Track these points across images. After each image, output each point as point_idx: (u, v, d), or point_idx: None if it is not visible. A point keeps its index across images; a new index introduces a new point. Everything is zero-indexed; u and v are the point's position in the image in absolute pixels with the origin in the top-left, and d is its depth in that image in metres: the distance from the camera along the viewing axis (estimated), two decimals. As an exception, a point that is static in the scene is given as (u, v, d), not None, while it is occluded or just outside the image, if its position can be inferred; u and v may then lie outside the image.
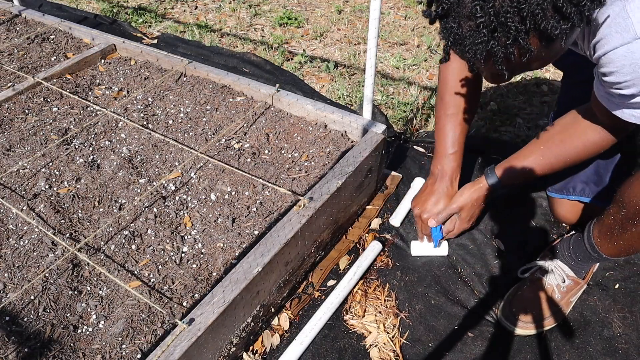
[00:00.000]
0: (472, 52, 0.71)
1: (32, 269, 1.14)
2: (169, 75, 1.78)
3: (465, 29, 0.70)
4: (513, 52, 0.70)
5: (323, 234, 1.27)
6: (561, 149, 1.09)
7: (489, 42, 0.69)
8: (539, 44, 0.70)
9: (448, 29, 0.72)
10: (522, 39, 0.68)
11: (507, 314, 1.16)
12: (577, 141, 1.07)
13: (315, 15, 2.76)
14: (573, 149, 1.08)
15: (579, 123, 1.06)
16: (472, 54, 0.71)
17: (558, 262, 1.19)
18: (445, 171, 1.28)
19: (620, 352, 1.11)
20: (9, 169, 1.40)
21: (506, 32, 0.67)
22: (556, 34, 0.67)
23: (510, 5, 0.65)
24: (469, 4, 0.67)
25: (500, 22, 0.66)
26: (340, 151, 1.42)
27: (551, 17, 0.66)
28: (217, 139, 1.49)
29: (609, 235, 1.02)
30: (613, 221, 0.99)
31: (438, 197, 1.27)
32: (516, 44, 0.69)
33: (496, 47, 0.69)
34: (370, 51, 1.33)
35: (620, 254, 1.04)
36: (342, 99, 2.05)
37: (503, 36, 0.68)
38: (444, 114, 1.28)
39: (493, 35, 0.68)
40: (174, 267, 1.14)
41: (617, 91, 0.82)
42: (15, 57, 1.94)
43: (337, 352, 1.14)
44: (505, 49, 0.69)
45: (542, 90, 2.05)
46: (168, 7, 2.94)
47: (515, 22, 0.66)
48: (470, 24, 0.68)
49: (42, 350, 0.99)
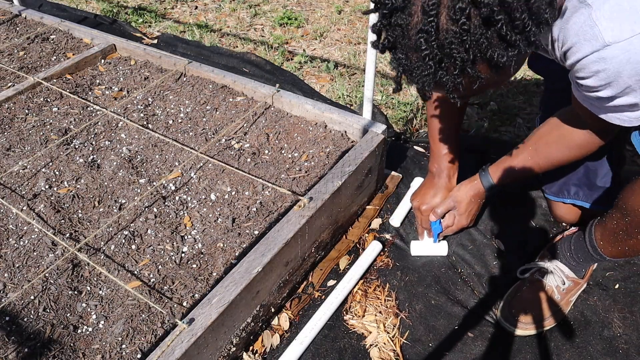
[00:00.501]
0: (421, 83, 0.71)
1: (32, 269, 1.14)
2: (169, 75, 1.78)
3: (413, 61, 0.69)
4: (461, 82, 0.70)
5: (323, 234, 1.27)
6: (548, 150, 1.10)
7: (437, 73, 0.69)
8: (488, 70, 0.70)
9: (397, 60, 0.72)
10: (469, 68, 0.67)
11: (506, 315, 1.16)
12: (562, 143, 1.08)
13: (315, 15, 2.76)
14: (559, 151, 1.09)
15: (563, 125, 1.07)
16: (422, 84, 0.71)
17: (558, 263, 1.19)
18: (442, 168, 1.30)
19: (620, 352, 1.11)
20: (9, 169, 1.40)
21: (452, 63, 0.67)
22: (503, 61, 0.67)
23: (453, 36, 0.64)
24: (413, 37, 0.66)
25: (446, 53, 0.66)
26: (340, 151, 1.42)
27: (497, 45, 0.66)
28: (217, 139, 1.49)
29: (612, 239, 1.02)
30: (617, 226, 0.99)
31: (436, 190, 1.30)
32: (464, 74, 0.68)
33: (445, 77, 0.69)
34: (370, 51, 1.33)
35: (623, 256, 1.05)
36: (342, 99, 2.05)
37: (450, 66, 0.68)
38: (435, 115, 1.30)
39: (440, 65, 0.68)
40: (174, 267, 1.14)
41: (595, 94, 0.83)
42: (15, 57, 1.94)
43: (337, 352, 1.14)
44: (453, 78, 0.69)
45: (542, 90, 2.05)
46: (168, 7, 2.94)
47: (461, 53, 0.65)
48: (417, 56, 0.68)
49: (42, 350, 0.99)
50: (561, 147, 1.08)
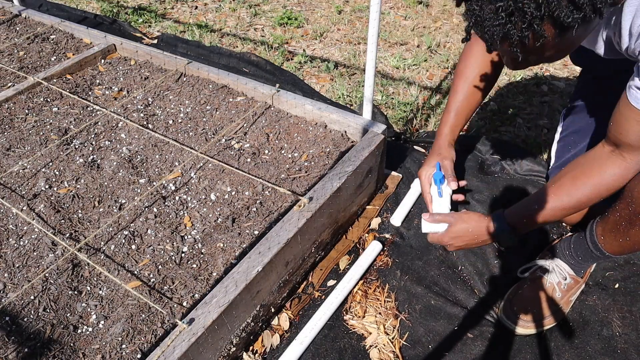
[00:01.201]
0: (490, 34, 0.76)
1: (32, 269, 1.14)
2: (169, 75, 1.78)
3: (486, 12, 0.75)
4: (527, 36, 0.75)
5: (323, 234, 1.27)
6: (574, 185, 1.00)
7: (506, 25, 0.74)
8: (552, 31, 0.74)
9: (471, 11, 0.77)
10: (536, 24, 0.72)
11: (508, 313, 1.16)
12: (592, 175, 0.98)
13: (315, 15, 2.76)
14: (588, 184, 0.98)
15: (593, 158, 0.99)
16: (490, 35, 0.77)
17: (558, 261, 1.19)
18: (439, 134, 1.32)
19: (619, 351, 1.11)
20: (9, 169, 1.40)
21: (522, 17, 0.72)
22: (568, 22, 0.71)
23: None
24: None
25: (517, 7, 0.71)
26: (340, 151, 1.42)
27: (565, 6, 0.70)
28: (217, 139, 1.49)
29: (614, 232, 1.02)
30: (619, 217, 0.98)
31: (431, 153, 1.32)
32: (531, 29, 0.73)
33: (512, 30, 0.74)
34: (370, 51, 1.33)
35: (623, 251, 1.04)
36: (342, 99, 2.05)
37: (519, 20, 0.73)
38: (458, 88, 1.30)
39: (510, 18, 0.73)
40: (174, 267, 1.14)
41: None
42: (15, 57, 1.94)
43: (337, 352, 1.14)
44: (520, 32, 0.74)
45: (542, 90, 2.05)
46: (168, 7, 2.94)
47: (531, 8, 0.71)
48: (490, 7, 0.74)
49: (42, 350, 0.99)
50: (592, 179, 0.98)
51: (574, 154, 1.35)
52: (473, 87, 1.28)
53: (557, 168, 1.41)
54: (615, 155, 0.95)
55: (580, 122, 1.36)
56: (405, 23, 2.61)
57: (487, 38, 0.78)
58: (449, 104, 1.32)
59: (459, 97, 1.29)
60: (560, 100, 1.99)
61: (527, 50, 0.79)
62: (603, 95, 1.21)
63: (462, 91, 1.29)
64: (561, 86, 2.07)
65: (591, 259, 1.15)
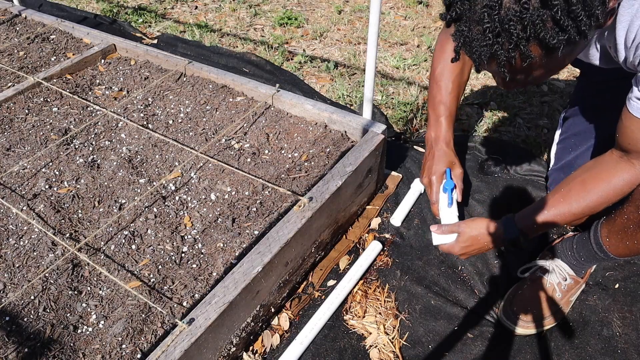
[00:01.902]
0: (478, 54, 0.78)
1: (32, 269, 1.14)
2: (169, 75, 1.78)
3: (474, 33, 0.76)
4: (514, 57, 0.76)
5: (323, 234, 1.27)
6: (584, 189, 1.00)
7: (493, 46, 0.75)
8: (539, 51, 0.76)
9: (460, 32, 0.79)
10: (523, 45, 0.74)
11: (508, 314, 1.16)
12: (601, 179, 0.99)
13: (315, 15, 2.76)
14: (596, 189, 0.99)
15: (603, 163, 1.00)
16: (478, 55, 0.78)
17: (559, 262, 1.19)
18: (438, 136, 1.30)
19: (619, 351, 1.11)
20: (9, 169, 1.40)
21: (509, 38, 0.74)
22: (553, 43, 0.73)
23: (514, 14, 0.71)
24: (479, 10, 0.73)
25: (504, 28, 0.73)
26: (340, 151, 1.42)
27: (550, 28, 0.72)
28: (217, 139, 1.49)
29: (621, 235, 1.02)
30: (627, 220, 0.98)
31: (437, 158, 1.29)
32: (517, 50, 0.75)
33: (499, 51, 0.76)
34: (370, 51, 1.33)
35: (630, 253, 1.04)
36: (342, 99, 2.05)
37: (506, 41, 0.74)
38: (437, 84, 1.30)
39: (497, 39, 0.75)
40: (174, 267, 1.14)
41: None
42: (15, 57, 1.94)
43: (337, 352, 1.14)
44: (507, 53, 0.76)
45: (542, 90, 2.05)
46: (168, 7, 2.94)
47: (517, 30, 0.72)
48: (478, 28, 0.75)
49: (42, 350, 0.99)
50: (601, 183, 0.98)
51: (575, 156, 1.35)
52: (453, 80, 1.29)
53: (557, 170, 1.41)
54: (624, 161, 0.96)
55: (580, 124, 1.36)
56: (405, 23, 2.61)
57: (475, 58, 0.80)
58: (435, 102, 1.30)
59: (444, 93, 1.29)
60: (560, 100, 1.99)
61: (515, 71, 0.81)
62: (602, 99, 1.21)
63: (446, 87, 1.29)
64: (561, 86, 2.07)
65: (594, 260, 1.14)
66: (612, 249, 1.06)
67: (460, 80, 1.29)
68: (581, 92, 1.37)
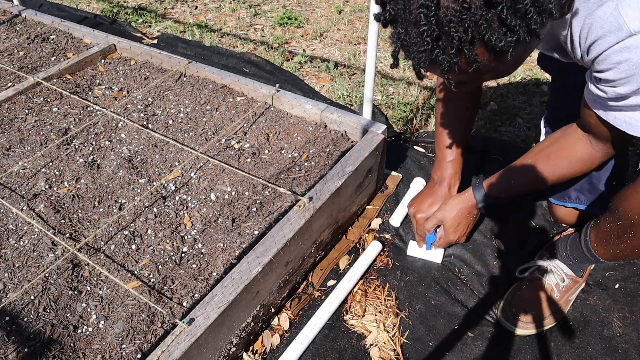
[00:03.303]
0: (417, 60, 0.70)
1: (32, 269, 1.14)
2: (169, 75, 1.78)
3: (412, 36, 0.68)
4: (458, 63, 0.68)
5: (323, 234, 1.27)
6: (548, 163, 1.08)
7: (434, 51, 0.67)
8: (486, 55, 0.69)
9: (396, 34, 0.71)
10: (466, 49, 0.66)
11: (507, 315, 1.16)
12: (564, 156, 1.05)
13: (315, 15, 2.76)
14: (560, 165, 1.06)
15: (566, 139, 1.04)
16: (417, 61, 0.70)
17: (557, 262, 1.19)
18: (443, 177, 1.29)
19: (620, 352, 1.11)
20: (9, 169, 1.40)
21: (450, 42, 0.65)
22: (500, 46, 0.65)
23: (453, 14, 0.63)
24: (414, 11, 0.65)
25: (444, 31, 0.65)
26: (340, 151, 1.42)
27: (497, 28, 0.64)
28: (217, 139, 1.49)
29: (605, 242, 1.02)
30: (609, 229, 0.99)
31: (434, 199, 1.28)
32: (461, 55, 0.67)
33: (441, 57, 0.68)
34: (370, 51, 1.33)
35: (616, 259, 1.05)
36: (342, 99, 2.05)
37: (447, 45, 0.66)
38: (444, 122, 1.29)
39: (437, 43, 0.67)
40: (174, 267, 1.14)
41: (612, 89, 0.82)
42: (15, 57, 1.95)
43: (337, 352, 1.14)
44: (449, 58, 0.68)
45: (542, 90, 2.05)
46: (168, 7, 2.94)
47: (459, 32, 0.64)
48: (415, 31, 0.67)
49: (42, 350, 0.99)
50: (562, 160, 1.05)
51: None
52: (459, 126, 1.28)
53: None
54: (584, 138, 1.01)
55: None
56: (405, 23, 2.60)
57: (414, 64, 0.72)
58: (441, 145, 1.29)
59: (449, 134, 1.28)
60: (560, 100, 1.99)
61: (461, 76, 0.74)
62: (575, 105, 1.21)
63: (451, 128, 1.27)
64: (561, 86, 2.07)
65: (587, 262, 1.14)
66: (600, 254, 1.06)
67: (465, 116, 1.28)
68: (554, 99, 1.35)
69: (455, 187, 1.29)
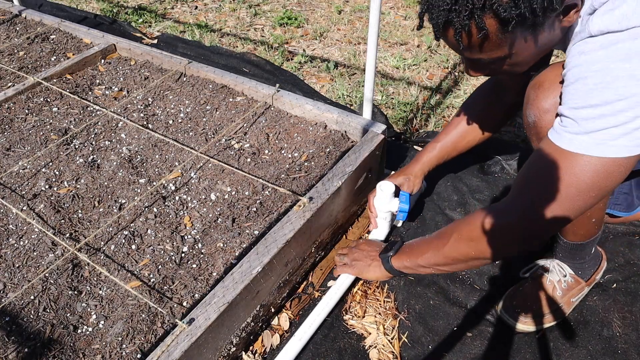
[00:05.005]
0: (436, 19, 0.81)
1: (32, 269, 1.14)
2: (169, 75, 1.78)
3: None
4: (469, 26, 0.78)
5: (323, 234, 1.27)
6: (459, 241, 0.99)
7: (451, 12, 0.78)
8: (494, 25, 0.77)
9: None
10: (477, 15, 0.76)
11: (508, 310, 1.16)
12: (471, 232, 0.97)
13: (315, 15, 2.76)
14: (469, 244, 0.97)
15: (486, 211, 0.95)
16: (435, 20, 0.81)
17: (558, 261, 1.19)
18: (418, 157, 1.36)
19: (619, 352, 1.11)
20: (9, 169, 1.40)
21: (465, 4, 0.76)
22: (505, 15, 0.74)
23: None
24: None
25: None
26: (340, 151, 1.42)
27: (505, 1, 0.74)
28: (217, 139, 1.49)
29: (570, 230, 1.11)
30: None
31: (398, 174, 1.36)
32: (472, 18, 0.77)
33: (455, 18, 0.78)
34: (370, 51, 1.33)
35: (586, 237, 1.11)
36: (342, 99, 2.05)
37: (462, 8, 0.76)
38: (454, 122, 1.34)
39: (454, 6, 0.77)
40: (174, 267, 1.14)
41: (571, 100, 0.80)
42: (15, 57, 1.95)
43: (336, 352, 1.14)
44: (462, 20, 0.77)
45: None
46: (168, 7, 2.94)
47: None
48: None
49: (42, 350, 0.99)
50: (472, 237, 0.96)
51: None
52: (468, 129, 1.31)
53: None
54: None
55: None
56: (405, 23, 2.61)
57: (433, 24, 0.82)
58: (440, 135, 1.34)
59: (451, 134, 1.32)
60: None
61: (472, 45, 0.81)
62: None
63: (455, 130, 1.32)
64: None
65: (567, 252, 1.16)
66: (569, 238, 1.12)
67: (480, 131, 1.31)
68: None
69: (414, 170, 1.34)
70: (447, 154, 1.33)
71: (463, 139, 1.32)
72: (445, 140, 1.32)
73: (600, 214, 1.07)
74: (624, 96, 0.73)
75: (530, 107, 0.96)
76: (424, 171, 1.35)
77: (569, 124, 0.80)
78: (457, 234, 0.99)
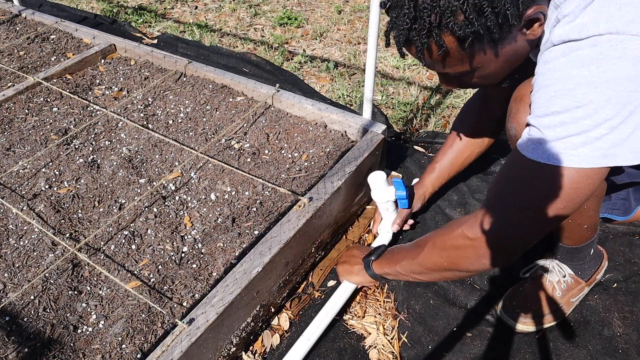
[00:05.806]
0: (398, 37, 0.82)
1: (32, 269, 1.14)
2: (169, 75, 1.78)
3: (398, 17, 0.81)
4: (428, 44, 0.80)
5: (323, 234, 1.27)
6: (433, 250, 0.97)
7: (410, 31, 0.79)
8: (453, 42, 0.78)
9: (390, 17, 0.84)
10: (435, 33, 0.77)
11: (507, 310, 1.16)
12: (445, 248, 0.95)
13: (315, 15, 2.76)
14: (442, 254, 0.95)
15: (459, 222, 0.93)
16: (397, 39, 0.83)
17: (557, 261, 1.19)
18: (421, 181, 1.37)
19: (620, 351, 1.11)
20: (9, 169, 1.40)
21: (422, 25, 0.77)
22: (460, 34, 0.75)
23: (429, 3, 0.75)
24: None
25: (418, 15, 0.77)
26: (340, 151, 1.42)
27: (460, 19, 0.75)
28: (217, 139, 1.49)
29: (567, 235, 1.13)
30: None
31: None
32: (430, 37, 0.78)
33: (415, 37, 0.79)
34: (370, 51, 1.33)
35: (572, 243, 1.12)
36: (342, 99, 2.05)
37: (420, 27, 0.78)
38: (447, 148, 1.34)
39: (413, 25, 0.79)
40: (174, 267, 1.14)
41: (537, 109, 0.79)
42: (15, 57, 1.95)
43: (336, 352, 1.14)
44: (421, 39, 0.79)
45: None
46: (168, 7, 2.94)
47: (430, 18, 0.76)
48: (399, 12, 0.80)
49: (42, 350, 0.99)
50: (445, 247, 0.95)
51: None
52: (464, 147, 1.31)
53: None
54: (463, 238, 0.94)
55: None
56: (405, 23, 2.60)
57: (396, 42, 0.83)
58: (438, 155, 1.35)
59: (447, 155, 1.33)
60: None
61: (433, 61, 0.83)
62: None
63: (451, 150, 1.33)
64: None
65: (565, 254, 1.16)
66: (565, 243, 1.14)
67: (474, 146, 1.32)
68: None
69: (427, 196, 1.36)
70: (447, 174, 1.34)
71: (460, 157, 1.32)
72: (443, 161, 1.33)
73: (591, 220, 1.07)
74: (583, 103, 0.71)
75: (512, 120, 0.96)
76: (425, 195, 1.35)
77: (534, 132, 0.78)
78: (431, 243, 0.98)
